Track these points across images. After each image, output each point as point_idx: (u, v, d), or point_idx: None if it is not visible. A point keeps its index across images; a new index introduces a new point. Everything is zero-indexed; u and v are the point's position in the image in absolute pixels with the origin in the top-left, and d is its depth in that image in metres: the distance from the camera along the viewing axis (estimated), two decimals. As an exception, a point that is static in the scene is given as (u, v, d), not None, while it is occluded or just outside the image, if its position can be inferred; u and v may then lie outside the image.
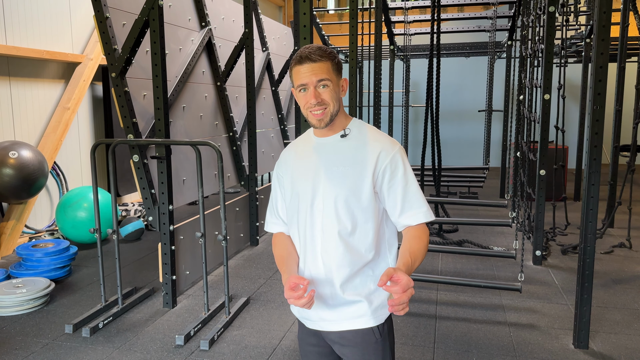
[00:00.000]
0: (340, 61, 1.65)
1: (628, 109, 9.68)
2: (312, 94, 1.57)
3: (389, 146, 1.61)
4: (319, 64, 1.56)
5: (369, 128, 1.68)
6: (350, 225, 1.60)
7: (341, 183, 1.60)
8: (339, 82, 1.63)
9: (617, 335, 3.36)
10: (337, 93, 1.62)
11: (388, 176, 1.59)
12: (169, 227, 3.73)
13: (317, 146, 1.68)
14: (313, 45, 1.61)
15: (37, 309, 3.80)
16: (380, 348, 1.63)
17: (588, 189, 3.05)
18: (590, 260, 3.09)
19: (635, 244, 5.33)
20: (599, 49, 2.95)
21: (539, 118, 4.61)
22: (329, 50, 1.60)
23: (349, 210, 1.59)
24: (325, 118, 1.60)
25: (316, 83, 1.57)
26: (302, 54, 1.57)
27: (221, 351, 3.16)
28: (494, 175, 9.90)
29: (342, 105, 1.66)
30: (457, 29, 7.91)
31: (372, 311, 1.60)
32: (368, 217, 1.61)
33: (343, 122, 1.67)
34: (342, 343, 1.64)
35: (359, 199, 1.59)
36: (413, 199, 1.60)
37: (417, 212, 1.60)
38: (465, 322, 3.56)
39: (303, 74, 1.57)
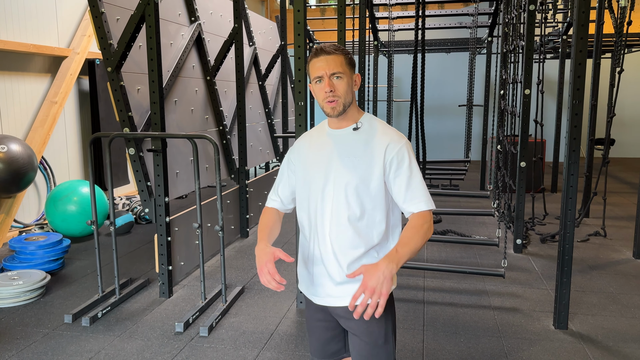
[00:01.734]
0: (352, 58, 1.77)
1: (602, 104, 10.02)
2: (326, 83, 1.70)
3: (397, 139, 1.73)
4: (333, 56, 1.70)
5: (379, 122, 1.81)
6: (359, 211, 1.72)
7: (352, 172, 1.72)
8: (351, 76, 1.75)
9: (594, 316, 3.57)
10: (350, 86, 1.74)
11: (395, 166, 1.71)
12: (165, 219, 3.81)
13: (330, 137, 1.80)
14: (326, 43, 1.76)
15: (34, 300, 3.85)
16: (383, 319, 1.77)
17: (567, 178, 3.24)
18: (569, 246, 3.28)
19: (610, 233, 5.59)
20: (578, 47, 3.13)
21: (520, 112, 4.80)
22: (340, 47, 1.74)
23: (359, 197, 1.71)
24: (339, 107, 1.72)
25: (330, 75, 1.70)
26: (318, 48, 1.72)
27: (220, 337, 3.27)
28: (473, 169, 10.15)
29: (354, 99, 1.79)
30: (439, 25, 8.10)
31: None
32: (376, 204, 1.73)
33: (355, 115, 1.79)
34: (347, 317, 1.77)
35: (368, 187, 1.71)
36: (416, 189, 1.72)
37: (419, 200, 1.71)
38: (451, 306, 3.74)
39: (318, 66, 1.70)
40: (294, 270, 4.47)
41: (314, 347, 1.93)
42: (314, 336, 1.92)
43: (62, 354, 3.06)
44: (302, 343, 3.20)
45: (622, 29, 5.08)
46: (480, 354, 3.06)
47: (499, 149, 5.61)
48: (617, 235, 5.53)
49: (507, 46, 5.60)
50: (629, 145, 11.55)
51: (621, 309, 3.70)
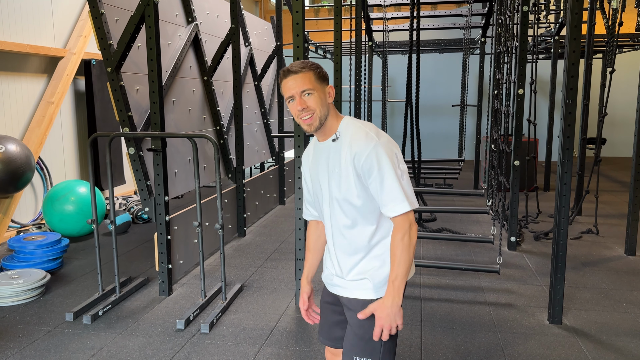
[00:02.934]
0: (324, 72, 1.80)
1: (594, 104, 10.14)
2: (298, 102, 1.74)
3: (363, 147, 1.71)
4: (301, 74, 1.73)
5: (352, 128, 1.79)
6: (350, 221, 1.81)
7: (337, 187, 1.79)
8: (324, 90, 1.78)
9: (588, 311, 3.65)
10: (323, 99, 1.77)
11: (367, 175, 1.73)
12: (164, 218, 3.85)
13: (319, 150, 1.87)
14: (295, 61, 1.80)
15: (34, 299, 3.87)
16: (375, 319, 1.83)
17: (561, 176, 3.31)
18: (563, 242, 3.36)
19: (602, 230, 5.69)
20: (571, 47, 3.20)
21: (513, 112, 4.88)
22: (310, 63, 1.77)
23: (347, 211, 1.80)
24: (315, 122, 1.76)
25: (301, 93, 1.74)
26: (285, 69, 1.76)
27: (221, 333, 3.31)
28: (467, 168, 10.24)
29: (331, 110, 1.80)
30: (433, 26, 8.17)
31: (374, 286, 1.81)
32: (365, 213, 1.78)
33: (334, 125, 1.81)
34: (348, 307, 1.87)
35: (353, 201, 1.77)
36: (389, 192, 1.71)
37: (393, 204, 1.71)
38: (448, 302, 3.80)
39: (289, 86, 1.75)
40: (292, 268, 4.52)
41: (322, 327, 2.04)
42: (323, 316, 2.03)
43: (64, 351, 3.10)
44: (302, 339, 3.25)
45: (614, 30, 5.17)
46: (476, 348, 3.12)
47: (492, 148, 5.69)
48: (609, 233, 5.62)
49: (500, 47, 5.68)
50: (620, 145, 11.70)
51: (613, 304, 3.77)
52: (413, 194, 1.75)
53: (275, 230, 5.82)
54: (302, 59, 3.55)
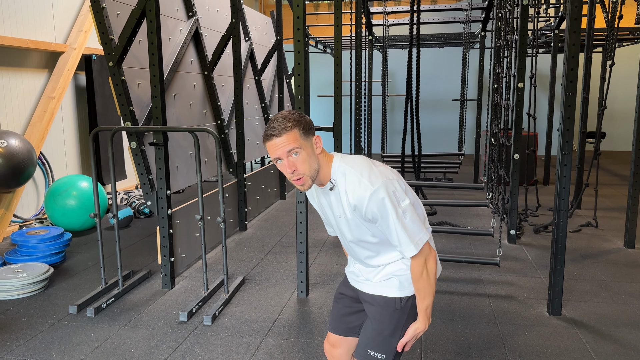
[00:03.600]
0: (308, 122, 1.73)
1: (594, 98, 10.15)
2: (286, 165, 1.69)
3: (361, 197, 1.69)
4: (284, 136, 1.67)
5: (344, 175, 1.74)
6: (372, 253, 1.86)
7: (349, 231, 1.82)
8: (310, 143, 1.72)
9: (587, 303, 3.68)
10: (311, 154, 1.72)
11: (373, 221, 1.74)
12: (167, 211, 3.87)
13: (321, 194, 1.87)
14: (279, 117, 1.70)
15: (37, 292, 3.90)
16: (396, 317, 1.85)
17: (561, 169, 3.33)
18: (562, 234, 3.38)
19: (601, 223, 5.71)
20: (571, 40, 3.22)
21: (513, 106, 4.90)
22: (293, 117, 1.69)
23: (366, 246, 1.84)
24: (307, 183, 1.73)
25: (287, 154, 1.68)
26: (269, 131, 1.69)
27: (224, 325, 3.34)
28: (467, 162, 10.27)
29: (321, 159, 1.75)
30: (433, 20, 8.18)
31: (400, 284, 1.84)
32: (385, 243, 1.81)
33: (327, 173, 1.77)
34: (370, 302, 1.90)
35: (368, 240, 1.81)
36: (395, 238, 1.72)
37: (404, 247, 1.73)
38: (448, 294, 3.83)
39: (274, 148, 1.69)
40: (294, 262, 4.55)
41: (335, 317, 2.07)
42: (336, 307, 2.06)
43: (68, 343, 3.13)
44: (303, 330, 3.28)
45: (614, 23, 5.18)
46: (476, 339, 3.15)
47: (492, 142, 5.71)
48: (609, 226, 5.65)
49: (500, 41, 5.68)
50: (619, 139, 11.72)
51: (612, 295, 3.81)
52: (419, 228, 1.72)
53: (276, 224, 5.85)
54: (303, 53, 3.55)
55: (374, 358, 1.84)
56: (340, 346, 2.07)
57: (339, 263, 4.53)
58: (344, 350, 2.07)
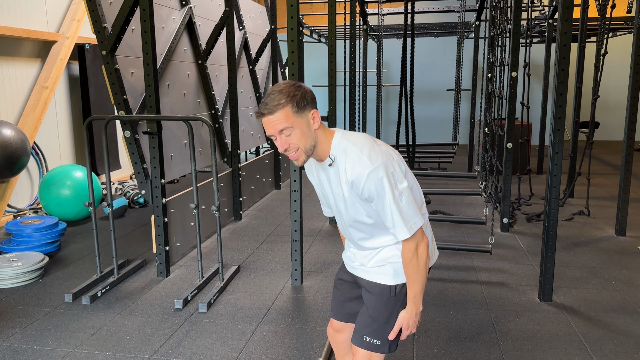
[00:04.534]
0: (305, 96, 1.66)
1: (587, 88, 10.19)
2: (280, 143, 1.67)
3: (360, 174, 1.66)
4: (276, 115, 1.62)
5: (345, 151, 1.71)
6: (366, 235, 1.84)
7: (346, 208, 1.80)
8: (305, 120, 1.67)
9: (577, 289, 3.73)
10: (306, 131, 1.67)
11: (369, 200, 1.71)
12: (161, 200, 3.89)
13: (320, 169, 1.84)
14: (274, 91, 1.64)
15: (33, 281, 3.92)
16: (391, 304, 1.85)
17: (552, 157, 3.36)
18: (554, 222, 3.42)
19: (593, 212, 5.77)
20: (563, 29, 3.24)
21: (507, 95, 4.92)
22: (287, 92, 1.63)
23: (361, 228, 1.83)
24: (301, 157, 1.71)
25: (279, 133, 1.65)
26: (261, 108, 1.65)
27: (219, 312, 3.37)
28: (461, 152, 10.30)
29: (319, 133, 1.71)
30: (427, 9, 8.17)
31: (394, 271, 1.84)
32: (380, 226, 1.79)
33: (326, 148, 1.74)
34: (367, 289, 1.90)
35: (364, 220, 1.79)
36: (389, 219, 1.69)
37: (396, 230, 1.70)
38: (441, 281, 3.87)
39: (267, 126, 1.66)
40: (288, 250, 4.58)
41: (335, 303, 2.08)
42: (336, 293, 2.07)
43: (64, 330, 3.15)
44: (298, 317, 3.31)
45: (606, 12, 5.20)
46: (468, 324, 3.20)
47: (486, 132, 5.74)
48: (600, 214, 5.71)
49: (494, 30, 5.70)
50: (612, 129, 11.78)
51: (603, 282, 3.86)
52: (416, 210, 1.71)
53: (271, 214, 5.87)
54: (297, 42, 3.54)
55: (369, 344, 1.85)
56: (343, 332, 2.08)
57: (333, 251, 4.56)
58: (346, 336, 2.07)
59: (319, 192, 1.97)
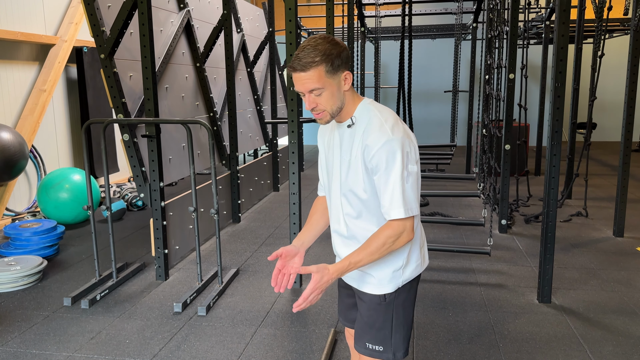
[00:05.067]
0: (342, 56, 1.59)
1: (584, 89, 10.21)
2: (307, 101, 1.61)
3: (374, 140, 1.60)
4: (308, 73, 1.55)
5: (369, 115, 1.66)
6: (354, 212, 1.73)
7: (346, 175, 1.70)
8: (337, 82, 1.61)
9: (576, 290, 3.74)
10: (336, 93, 1.61)
11: (374, 170, 1.63)
12: (160, 203, 3.88)
13: (336, 131, 1.75)
14: (309, 45, 1.57)
15: (31, 285, 3.91)
16: (383, 310, 1.77)
17: (550, 159, 3.38)
18: (552, 223, 3.43)
19: (591, 213, 5.78)
20: (560, 31, 3.25)
21: (504, 96, 4.94)
22: (324, 49, 1.56)
23: (352, 201, 1.72)
24: (325, 118, 1.65)
25: (309, 92, 1.59)
26: (294, 62, 1.56)
27: (218, 316, 3.37)
28: (459, 154, 10.32)
29: (348, 95, 1.65)
30: (425, 12, 8.18)
31: (378, 282, 1.76)
32: (370, 208, 1.70)
33: (350, 110, 1.68)
34: (359, 296, 1.86)
35: (358, 193, 1.69)
36: (389, 195, 1.60)
37: (388, 208, 1.61)
38: (439, 283, 3.88)
39: (296, 82, 1.59)
40: (287, 253, 4.57)
41: (340, 309, 2.05)
42: (340, 299, 2.03)
43: (63, 334, 3.15)
44: (297, 320, 3.31)
45: (602, 14, 5.21)
46: (467, 326, 3.21)
47: (484, 133, 5.75)
48: (598, 215, 5.72)
49: (491, 32, 5.71)
50: (610, 129, 11.81)
51: (601, 283, 3.87)
52: (416, 199, 1.63)
53: (269, 216, 5.87)
54: (295, 45, 3.54)
55: (372, 350, 1.80)
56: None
57: (332, 254, 4.56)
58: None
59: (322, 160, 1.87)
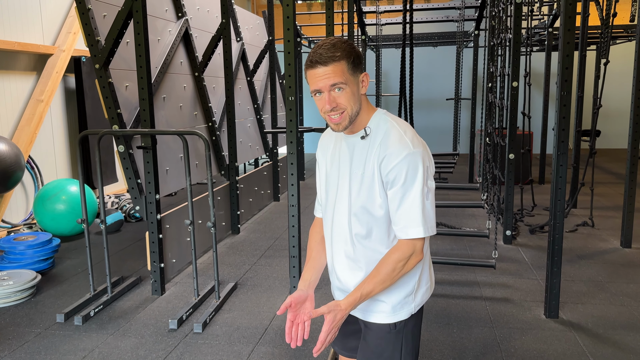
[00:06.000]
0: (359, 55, 1.51)
1: (588, 96, 10.12)
2: (327, 100, 1.48)
3: (395, 152, 1.49)
4: (331, 66, 1.46)
5: (386, 126, 1.55)
6: (364, 231, 1.59)
7: (358, 191, 1.56)
8: (357, 80, 1.51)
9: (584, 305, 3.63)
10: (356, 93, 1.51)
11: (390, 185, 1.51)
12: (156, 216, 3.79)
13: (344, 143, 1.62)
14: (327, 42, 1.48)
15: (24, 300, 3.82)
16: (392, 339, 1.65)
17: (556, 169, 3.28)
18: (559, 236, 3.33)
19: (598, 223, 5.67)
20: (566, 39, 3.16)
21: (508, 105, 4.84)
22: (344, 47, 1.48)
23: (363, 220, 1.58)
24: (344, 122, 1.52)
25: (330, 88, 1.48)
26: (314, 57, 1.47)
27: (214, 333, 3.27)
28: (462, 162, 10.22)
29: (364, 102, 1.57)
30: (426, 19, 8.12)
31: (391, 309, 1.63)
32: (384, 226, 1.58)
33: (364, 119, 1.57)
34: (365, 324, 1.71)
35: (373, 210, 1.56)
36: (406, 213, 1.50)
37: (404, 225, 1.51)
38: (443, 297, 3.77)
39: (316, 78, 1.48)
40: (287, 265, 4.48)
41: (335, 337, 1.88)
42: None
43: (55, 353, 3.05)
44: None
45: (609, 21, 5.13)
46: (472, 343, 3.09)
47: (487, 142, 5.65)
48: (605, 225, 5.61)
49: (494, 39, 5.63)
50: (614, 136, 11.70)
51: (610, 297, 3.75)
52: (434, 217, 1.53)
53: (269, 227, 5.77)
54: (293, 54, 3.46)
55: None
56: None
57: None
58: None
59: (321, 176, 1.73)
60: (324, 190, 1.73)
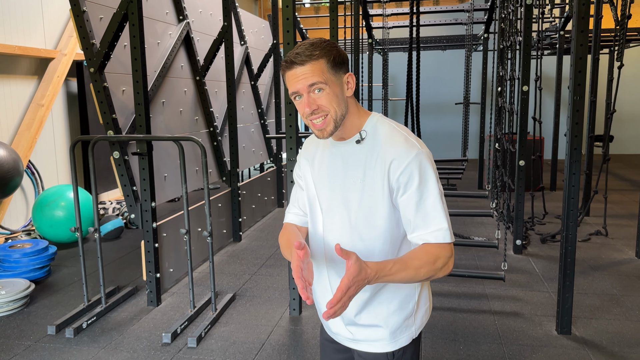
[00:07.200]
0: (342, 54, 1.40)
1: (601, 100, 9.90)
2: (306, 102, 1.36)
3: (404, 153, 1.37)
4: (308, 66, 1.35)
5: (385, 128, 1.44)
6: (363, 247, 1.44)
7: (359, 200, 1.42)
8: (340, 81, 1.39)
9: (598, 320, 3.45)
10: (339, 94, 1.39)
11: (402, 189, 1.37)
12: (152, 225, 3.67)
13: (333, 150, 1.48)
14: (305, 43, 1.38)
15: (17, 310, 3.71)
16: None
17: (569, 177, 3.11)
18: (572, 248, 3.16)
19: (611, 232, 5.47)
20: (579, 41, 3.00)
21: (518, 109, 4.68)
22: (322, 46, 1.37)
23: (363, 234, 1.43)
24: (328, 127, 1.39)
25: (308, 89, 1.36)
26: (289, 57, 1.36)
27: (209, 348, 3.13)
28: (471, 168, 10.03)
29: (352, 104, 1.44)
30: (435, 22, 7.97)
31: (390, 334, 1.48)
32: (386, 240, 1.44)
33: (357, 123, 1.45)
34: (358, 354, 1.55)
35: (375, 222, 1.42)
36: (429, 215, 1.37)
37: (433, 229, 1.37)
38: (450, 311, 3.60)
39: (293, 80, 1.37)
40: (287, 275, 4.34)
41: None
42: (324, 355, 1.69)
43: (43, 368, 2.93)
44: (294, 353, 3.06)
45: (624, 23, 4.95)
46: (480, 362, 2.93)
47: (497, 148, 5.49)
48: (619, 234, 5.41)
49: (503, 42, 5.47)
50: (627, 142, 11.45)
51: (625, 311, 3.57)
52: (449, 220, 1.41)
53: (272, 235, 5.64)
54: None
55: None
56: None
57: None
58: None
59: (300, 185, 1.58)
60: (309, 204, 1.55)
